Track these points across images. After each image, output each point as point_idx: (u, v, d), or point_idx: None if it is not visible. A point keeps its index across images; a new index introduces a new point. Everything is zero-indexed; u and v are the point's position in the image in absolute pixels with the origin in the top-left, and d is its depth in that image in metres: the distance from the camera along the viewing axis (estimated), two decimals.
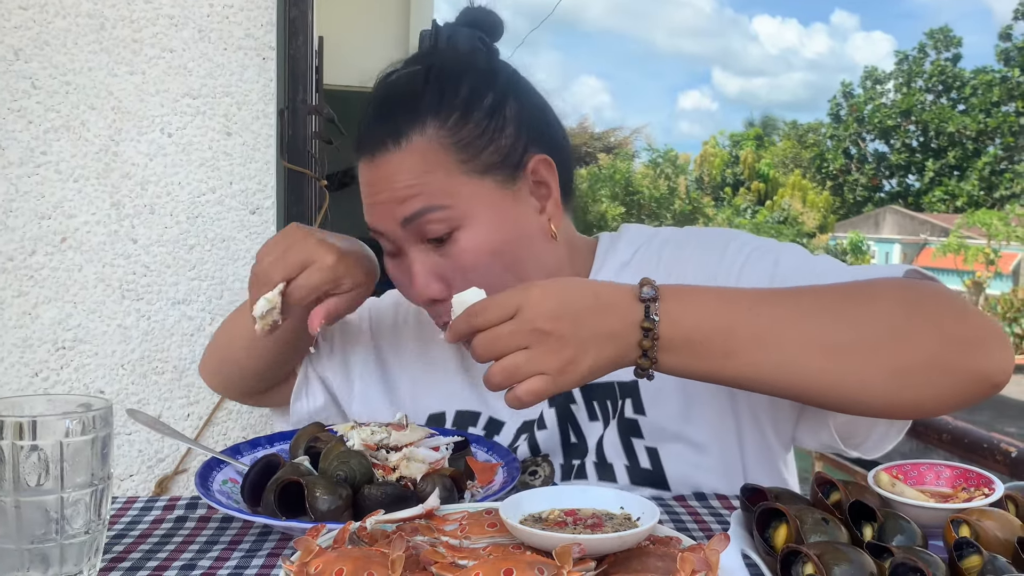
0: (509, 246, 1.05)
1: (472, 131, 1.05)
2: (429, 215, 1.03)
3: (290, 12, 1.71)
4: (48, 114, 1.63)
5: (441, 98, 1.06)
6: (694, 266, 1.10)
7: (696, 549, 0.70)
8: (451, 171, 1.04)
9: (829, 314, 0.89)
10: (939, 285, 0.95)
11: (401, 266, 1.09)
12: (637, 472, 1.08)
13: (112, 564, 0.86)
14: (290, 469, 0.95)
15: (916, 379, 0.88)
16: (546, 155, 1.09)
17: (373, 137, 1.07)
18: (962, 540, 0.75)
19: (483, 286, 0.95)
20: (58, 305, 1.64)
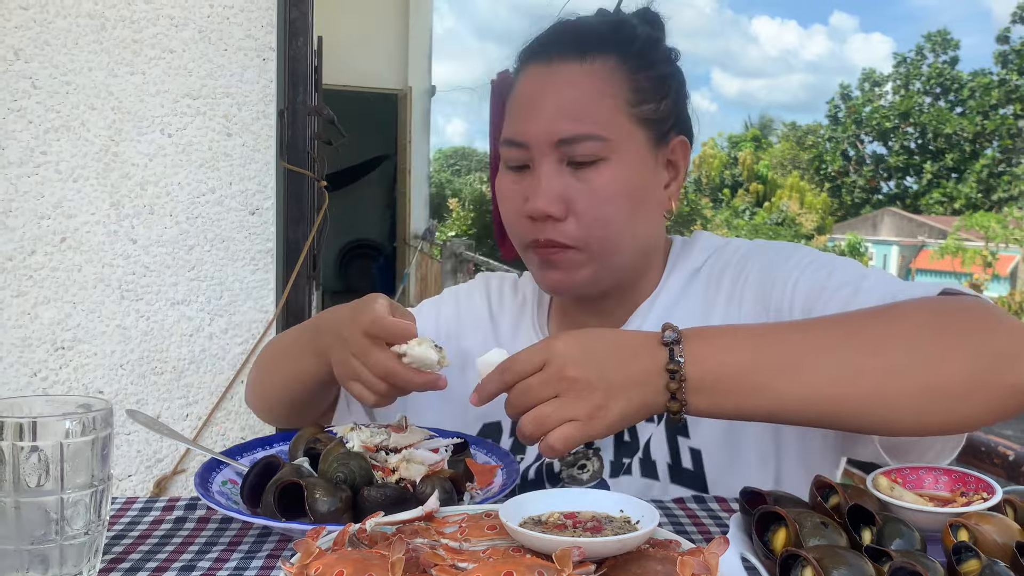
0: (638, 195, 1.09)
1: (645, 82, 1.10)
2: (588, 142, 1.06)
3: (290, 13, 1.72)
4: (48, 114, 1.63)
5: (630, 41, 1.11)
6: (757, 275, 1.12)
7: (695, 552, 0.70)
8: (619, 105, 1.08)
9: (853, 340, 0.89)
10: (971, 300, 0.94)
11: (522, 180, 1.10)
12: (679, 471, 1.09)
13: (112, 565, 0.86)
14: (290, 470, 0.95)
15: (946, 397, 0.88)
16: (687, 140, 1.15)
17: (556, 44, 1.10)
18: (960, 544, 0.75)
19: (602, 224, 1.05)
20: (57, 305, 1.64)
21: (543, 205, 1.06)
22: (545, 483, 1.14)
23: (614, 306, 1.18)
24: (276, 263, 1.79)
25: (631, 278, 1.17)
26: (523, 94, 1.11)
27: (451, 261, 7.81)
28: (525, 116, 1.09)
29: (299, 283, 1.81)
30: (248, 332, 1.75)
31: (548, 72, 1.09)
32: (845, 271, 1.08)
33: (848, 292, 1.02)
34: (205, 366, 1.73)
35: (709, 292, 1.16)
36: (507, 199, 1.12)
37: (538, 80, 1.10)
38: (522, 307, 1.29)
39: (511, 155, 1.10)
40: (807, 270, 1.09)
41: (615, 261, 1.11)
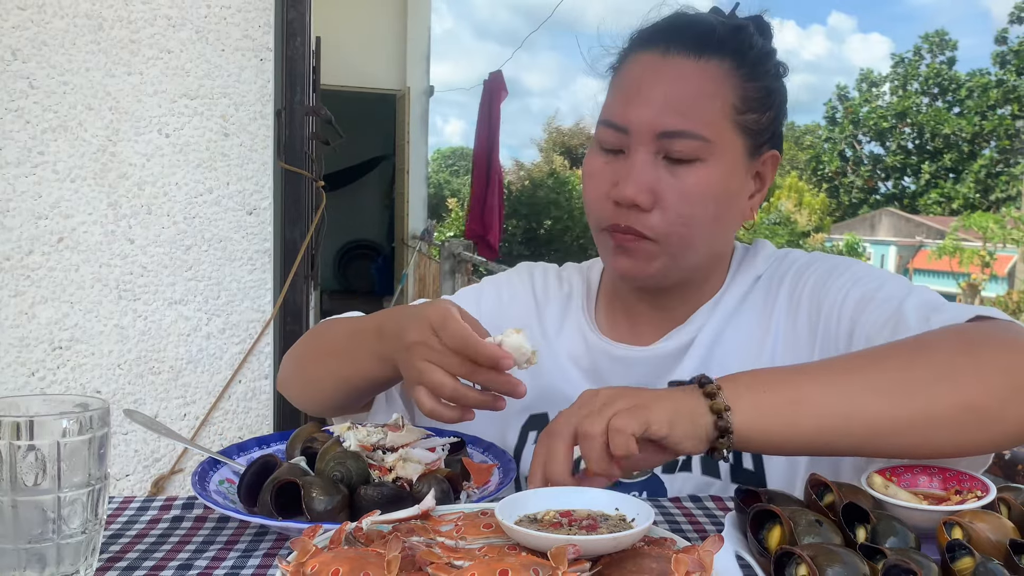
0: (725, 200, 1.10)
1: (753, 91, 1.11)
2: (689, 139, 1.06)
3: (288, 14, 1.72)
4: (46, 114, 1.63)
5: (747, 48, 1.12)
6: (812, 286, 1.14)
7: (690, 550, 0.70)
8: (726, 109, 1.08)
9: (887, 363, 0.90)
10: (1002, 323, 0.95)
11: (614, 163, 1.10)
12: (739, 472, 1.10)
13: (109, 564, 0.86)
14: (287, 469, 0.95)
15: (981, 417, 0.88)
16: (778, 154, 1.16)
17: (675, 35, 1.10)
18: (954, 542, 0.75)
19: (685, 222, 1.06)
20: (55, 305, 1.64)
21: (632, 193, 1.06)
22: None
23: (676, 303, 1.19)
24: (273, 263, 1.79)
25: (697, 279, 1.18)
26: (632, 78, 1.10)
27: (449, 261, 7.81)
28: (630, 101, 1.08)
29: (297, 283, 1.81)
30: (245, 332, 1.75)
31: (662, 62, 1.09)
32: (893, 286, 1.09)
33: (891, 309, 1.04)
34: (202, 366, 1.73)
35: (768, 299, 1.17)
36: (595, 179, 1.12)
37: (650, 68, 1.09)
38: (568, 297, 1.29)
39: (608, 137, 1.10)
40: (858, 283, 1.10)
41: (687, 260, 1.12)
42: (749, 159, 1.12)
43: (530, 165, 29.09)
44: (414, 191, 9.43)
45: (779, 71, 1.17)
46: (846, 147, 36.67)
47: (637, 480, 1.12)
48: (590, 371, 1.20)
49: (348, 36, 8.32)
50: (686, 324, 1.18)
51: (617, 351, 1.19)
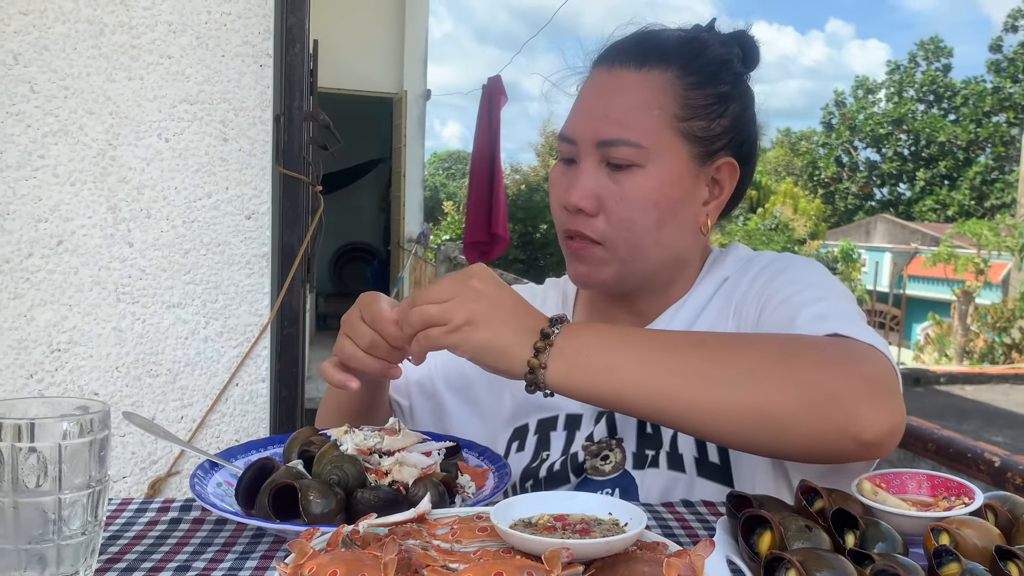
0: (668, 206, 1.14)
1: (698, 99, 1.15)
2: (623, 147, 1.12)
3: (287, 20, 1.73)
4: (46, 118, 1.64)
5: (692, 59, 1.16)
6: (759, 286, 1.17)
7: (682, 554, 0.71)
8: (664, 117, 1.13)
9: (703, 352, 0.95)
10: (834, 342, 0.96)
11: (568, 172, 1.17)
12: (705, 465, 1.13)
13: (108, 565, 0.86)
14: (284, 473, 0.95)
15: (770, 422, 0.91)
16: (735, 162, 1.18)
17: (621, 52, 1.18)
18: (941, 548, 0.76)
19: (627, 226, 1.12)
20: (54, 307, 1.65)
21: (576, 199, 1.13)
22: (570, 475, 1.17)
23: (646, 305, 1.23)
24: (271, 267, 1.80)
25: (662, 282, 1.21)
26: (583, 94, 1.19)
27: (445, 265, 7.82)
28: (578, 114, 1.17)
29: (294, 287, 1.82)
30: (243, 335, 1.76)
31: (608, 76, 1.16)
32: (813, 292, 1.10)
33: (794, 311, 1.06)
34: (200, 369, 1.74)
35: (730, 300, 1.20)
36: (553, 187, 1.19)
37: (598, 83, 1.17)
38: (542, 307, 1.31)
39: (563, 149, 1.18)
40: (790, 285, 1.12)
41: (639, 265, 1.16)
42: (698, 165, 1.16)
43: (527, 169, 29.06)
44: (410, 194, 9.43)
45: (738, 79, 1.20)
46: (842, 153, 36.71)
47: (609, 477, 1.15)
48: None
49: (345, 39, 8.33)
50: (653, 324, 1.21)
51: None
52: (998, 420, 10.42)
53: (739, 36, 1.22)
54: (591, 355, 0.94)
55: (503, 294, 0.97)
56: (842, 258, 22.02)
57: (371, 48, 8.97)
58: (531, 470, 1.21)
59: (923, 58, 36.28)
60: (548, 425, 1.24)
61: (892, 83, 36.66)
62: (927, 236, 24.46)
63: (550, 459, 1.20)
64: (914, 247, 23.95)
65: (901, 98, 35.97)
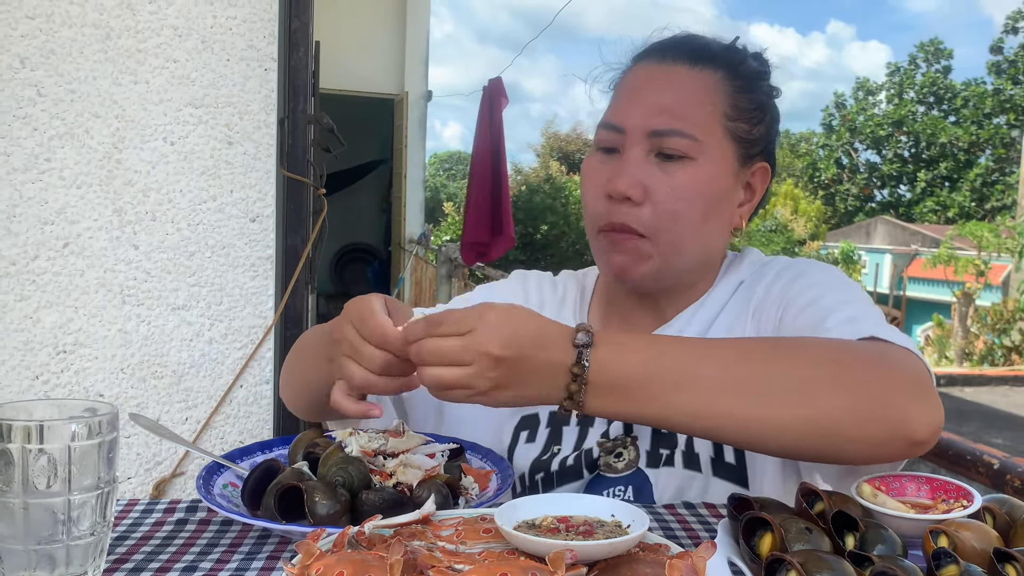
0: (713, 202, 1.15)
1: (744, 103, 1.17)
2: (678, 137, 1.12)
3: (291, 24, 1.74)
4: (53, 122, 1.65)
5: (739, 64, 1.19)
6: (778, 292, 1.17)
7: (684, 556, 0.72)
8: (716, 115, 1.15)
9: (746, 362, 0.93)
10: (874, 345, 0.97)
11: (609, 162, 1.16)
12: (721, 465, 1.13)
13: (115, 565, 0.87)
14: (290, 474, 0.96)
15: (821, 430, 0.91)
16: (768, 167, 1.21)
17: (673, 48, 1.18)
18: (940, 550, 0.77)
19: (674, 218, 1.11)
20: (59, 309, 1.66)
21: (624, 186, 1.12)
22: (583, 470, 1.17)
23: (666, 304, 1.23)
24: (275, 270, 1.81)
25: (688, 281, 1.22)
26: (630, 84, 1.19)
27: (446, 266, 7.82)
28: (627, 103, 1.16)
29: (298, 289, 1.83)
30: (247, 337, 1.77)
31: (659, 70, 1.17)
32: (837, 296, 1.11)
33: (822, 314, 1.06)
34: (204, 370, 1.75)
35: (747, 305, 1.20)
36: (591, 177, 1.18)
37: (647, 74, 1.17)
38: (562, 302, 1.32)
39: (605, 137, 1.17)
40: (811, 288, 1.14)
41: (678, 260, 1.16)
42: (739, 166, 1.17)
43: (528, 170, 29.06)
44: (411, 195, 9.43)
45: (771, 91, 1.23)
46: (842, 155, 36.68)
47: (622, 474, 1.15)
48: None
49: (347, 40, 8.33)
50: (669, 324, 1.21)
51: None
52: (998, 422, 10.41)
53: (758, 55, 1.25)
54: (630, 385, 0.91)
55: (522, 332, 0.90)
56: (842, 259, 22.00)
57: (372, 49, 8.97)
58: (542, 463, 1.20)
59: (923, 60, 36.26)
60: (561, 419, 1.22)
61: (892, 85, 36.63)
62: (927, 238, 24.43)
63: (562, 453, 1.19)
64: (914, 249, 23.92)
65: (901, 100, 35.94)
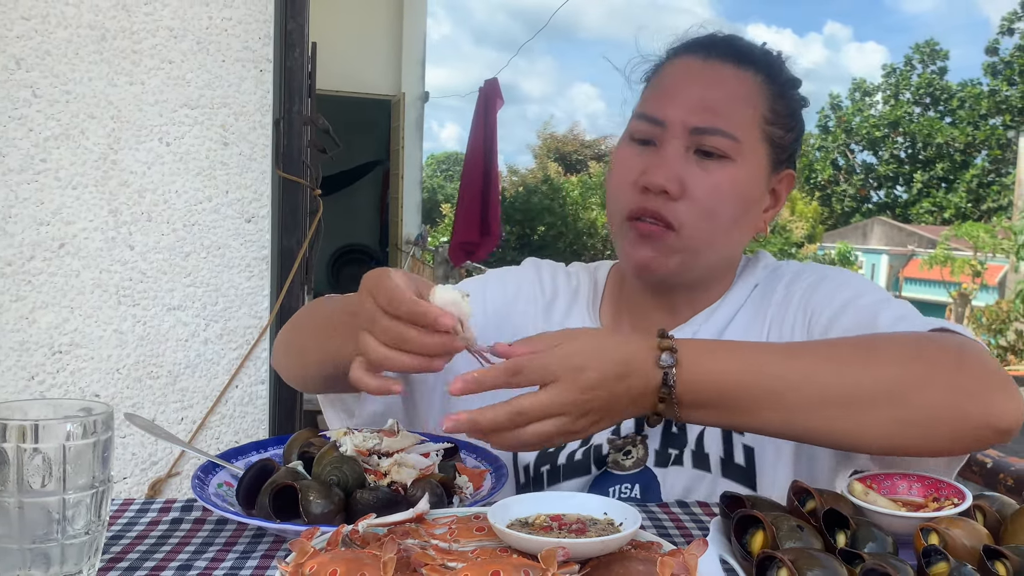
0: (746, 203, 1.15)
1: (782, 108, 1.17)
2: (720, 136, 1.11)
3: (287, 25, 1.74)
4: (48, 122, 1.65)
5: (778, 69, 1.19)
6: (800, 295, 1.18)
7: (676, 554, 0.73)
8: (756, 118, 1.14)
9: (835, 372, 0.93)
10: (953, 338, 0.98)
11: (644, 154, 1.14)
12: (730, 467, 1.13)
13: (110, 564, 0.87)
14: (284, 473, 0.96)
15: (913, 428, 0.92)
16: (794, 175, 1.21)
17: (716, 46, 1.17)
18: (930, 548, 0.78)
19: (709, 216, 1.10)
20: (55, 310, 1.66)
21: (663, 179, 1.10)
22: (592, 466, 1.16)
23: (683, 304, 1.22)
24: (271, 270, 1.81)
25: (707, 282, 1.22)
26: (672, 77, 1.17)
27: (443, 267, 7.82)
28: (669, 96, 1.14)
29: (293, 290, 1.83)
30: (242, 338, 1.77)
31: (702, 65, 1.15)
32: (874, 296, 1.13)
33: (866, 316, 1.07)
34: (200, 371, 1.75)
35: (762, 307, 1.21)
36: (623, 166, 1.16)
37: (691, 69, 1.16)
38: (576, 292, 1.30)
39: (642, 128, 1.15)
40: (843, 290, 1.15)
41: (704, 258, 1.16)
42: (770, 172, 1.18)
43: (524, 171, 29.06)
44: (408, 196, 9.43)
45: (803, 101, 1.23)
46: (839, 156, 36.70)
47: (629, 472, 1.15)
48: None
49: (344, 41, 8.32)
50: (686, 325, 1.21)
51: None
52: None
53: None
54: (719, 402, 0.92)
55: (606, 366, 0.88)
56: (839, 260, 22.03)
57: (369, 50, 8.97)
58: (548, 455, 1.19)
59: (919, 61, 36.29)
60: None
61: (888, 86, 36.67)
62: (924, 238, 24.45)
63: (569, 446, 1.18)
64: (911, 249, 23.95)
65: (897, 101, 35.97)
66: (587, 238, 22.35)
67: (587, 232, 22.52)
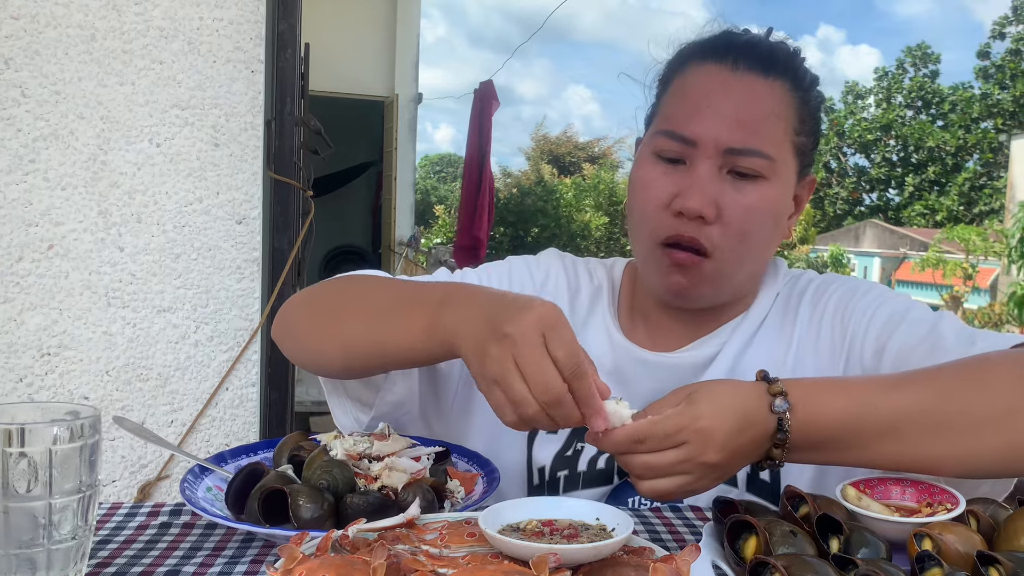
0: (778, 219, 1.13)
1: (807, 115, 1.13)
2: (755, 157, 1.07)
3: (279, 26, 1.73)
4: (37, 123, 1.64)
5: (801, 74, 1.13)
6: (835, 305, 1.16)
7: (668, 560, 0.72)
8: (787, 130, 1.10)
9: (947, 404, 0.91)
10: None
11: (673, 174, 1.09)
12: (756, 482, 1.11)
13: (97, 569, 0.87)
14: (274, 477, 0.96)
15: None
16: (815, 179, 1.18)
17: (743, 51, 1.10)
18: (924, 553, 0.77)
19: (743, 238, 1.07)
20: (44, 312, 1.65)
21: (698, 204, 1.05)
22: (614, 475, 1.14)
23: (706, 319, 1.19)
24: (262, 272, 1.80)
25: (733, 297, 1.19)
26: (698, 89, 1.10)
27: (436, 268, 7.81)
28: (699, 113, 1.08)
29: (284, 292, 1.82)
30: (233, 340, 1.76)
31: (732, 77, 1.09)
32: (920, 308, 1.11)
33: (924, 329, 1.06)
34: (190, 373, 1.74)
35: (788, 316, 1.18)
36: (653, 188, 1.10)
37: (718, 81, 1.09)
38: (598, 291, 1.27)
39: (669, 147, 1.09)
40: (885, 304, 1.12)
41: (735, 279, 1.13)
42: (797, 179, 1.15)
43: (518, 173, 29.08)
44: (401, 197, 9.43)
45: (822, 99, 1.18)
46: (831, 159, 36.80)
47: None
48: (612, 372, 1.18)
49: (337, 42, 8.32)
50: (713, 335, 1.18)
51: (642, 355, 1.18)
52: None
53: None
54: (831, 442, 0.90)
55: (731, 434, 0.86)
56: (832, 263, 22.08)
57: (362, 51, 8.97)
58: (567, 459, 1.16)
59: (911, 64, 36.43)
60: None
61: (880, 89, 36.79)
62: (916, 241, 24.53)
63: (588, 451, 1.15)
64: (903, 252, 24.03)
65: (889, 104, 36.09)
66: (580, 240, 22.36)
67: (580, 234, 22.54)
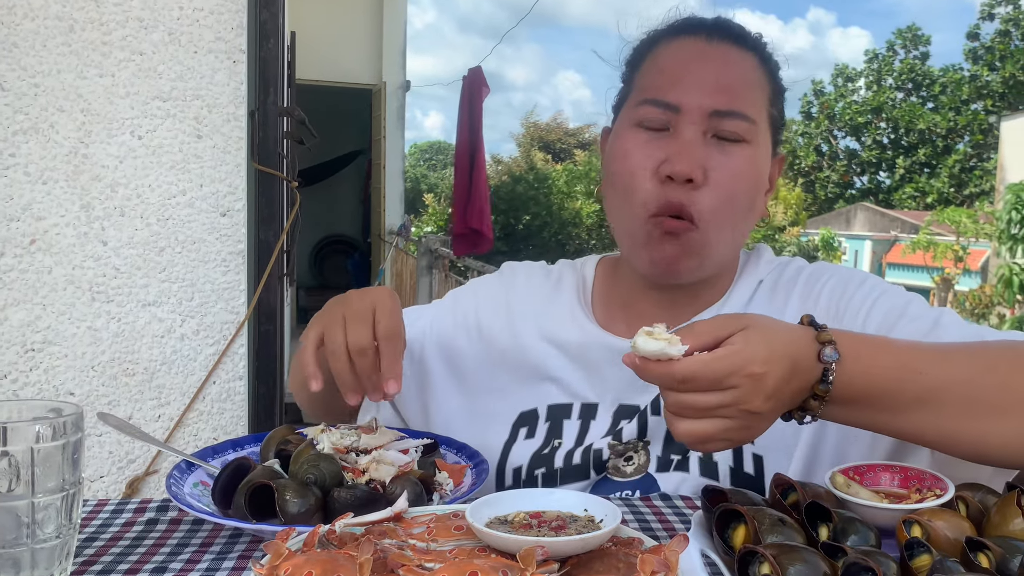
0: (758, 187, 1.14)
1: (775, 92, 1.17)
2: (738, 120, 1.09)
3: (261, 15, 1.72)
4: (16, 116, 1.62)
5: (767, 53, 1.17)
6: (829, 294, 1.15)
7: (656, 550, 0.72)
8: (763, 97, 1.14)
9: (988, 378, 0.90)
10: None
11: (658, 141, 1.10)
12: (740, 476, 1.10)
13: (83, 567, 0.86)
14: (261, 472, 0.95)
15: None
16: (785, 157, 1.20)
17: (714, 28, 1.14)
18: (913, 540, 0.77)
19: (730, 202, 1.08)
20: (27, 307, 1.63)
21: (687, 167, 1.06)
22: (591, 469, 1.13)
23: (684, 302, 1.19)
24: (247, 264, 1.79)
25: (712, 278, 1.18)
26: (676, 60, 1.13)
27: (427, 257, 7.80)
28: (680, 80, 1.10)
29: (271, 284, 1.81)
30: (219, 333, 1.75)
31: (708, 47, 1.12)
32: (919, 303, 1.11)
33: (926, 324, 1.05)
34: (176, 368, 1.73)
35: (775, 304, 1.17)
36: (637, 156, 1.10)
37: (696, 51, 1.12)
38: (556, 286, 1.27)
39: (654, 115, 1.10)
40: (884, 296, 1.12)
41: (717, 251, 1.13)
42: (772, 154, 1.17)
43: (508, 160, 29.03)
44: (391, 186, 9.41)
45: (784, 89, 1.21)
46: (822, 142, 36.85)
47: (630, 479, 1.13)
48: (579, 359, 1.19)
49: (323, 31, 8.29)
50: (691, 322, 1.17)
51: (616, 343, 1.17)
52: None
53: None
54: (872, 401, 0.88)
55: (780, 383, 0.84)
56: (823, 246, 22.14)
57: (349, 39, 8.94)
58: (543, 457, 1.16)
59: (901, 46, 36.45)
60: (561, 412, 1.19)
61: (871, 72, 36.81)
62: (907, 224, 24.62)
63: (564, 447, 1.16)
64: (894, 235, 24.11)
65: (880, 87, 36.12)
66: (572, 228, 22.37)
67: (572, 222, 22.53)
